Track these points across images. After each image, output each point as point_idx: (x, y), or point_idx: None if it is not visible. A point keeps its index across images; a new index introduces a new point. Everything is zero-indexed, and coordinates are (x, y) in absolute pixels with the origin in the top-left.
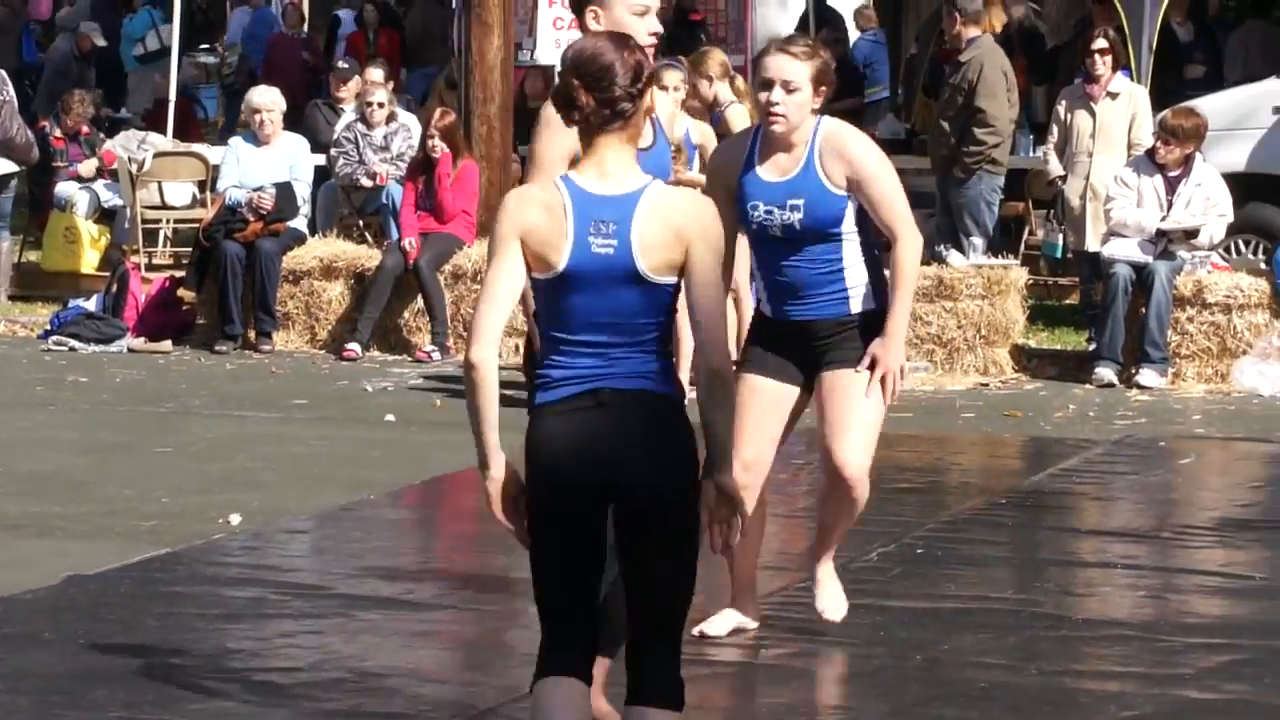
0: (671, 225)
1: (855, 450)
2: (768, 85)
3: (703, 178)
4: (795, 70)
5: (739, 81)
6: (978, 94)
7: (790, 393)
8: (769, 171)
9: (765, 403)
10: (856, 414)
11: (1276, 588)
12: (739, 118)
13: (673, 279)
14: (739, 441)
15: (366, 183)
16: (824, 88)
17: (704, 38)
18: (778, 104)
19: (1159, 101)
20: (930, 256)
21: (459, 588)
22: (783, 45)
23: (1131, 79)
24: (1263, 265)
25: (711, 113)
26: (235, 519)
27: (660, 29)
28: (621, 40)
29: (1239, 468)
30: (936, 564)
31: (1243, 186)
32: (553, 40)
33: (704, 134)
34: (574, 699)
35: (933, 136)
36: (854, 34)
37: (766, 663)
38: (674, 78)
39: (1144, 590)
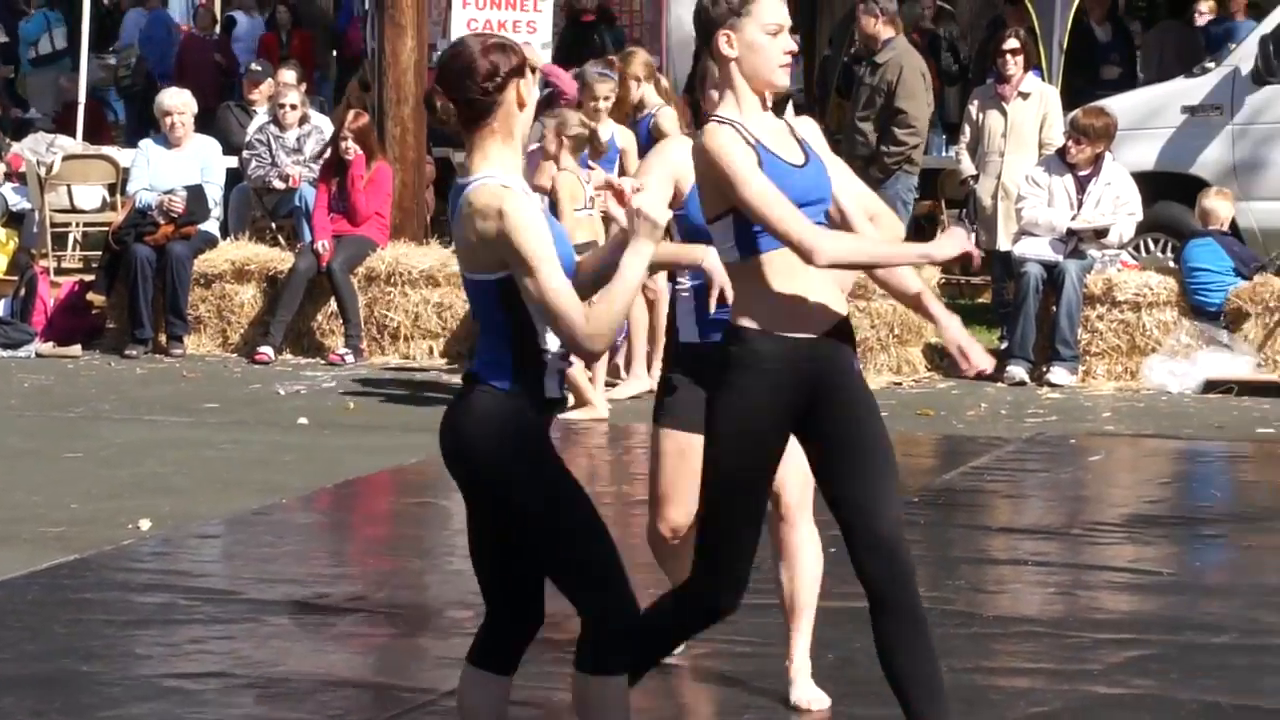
0: (472, 225)
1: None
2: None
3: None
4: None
5: (663, 82)
6: (898, 95)
7: None
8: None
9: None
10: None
11: (1184, 583)
12: (670, 121)
13: (489, 275)
14: (665, 505)
15: (279, 185)
16: None
17: (597, 39)
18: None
19: (1074, 102)
20: None
21: (371, 591)
22: None
23: (1043, 79)
24: (1171, 263)
25: (637, 115)
26: (145, 524)
27: (795, 48)
28: (485, 41)
29: (1148, 464)
30: (849, 563)
31: (1152, 185)
32: None
33: (627, 139)
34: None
35: (848, 136)
36: None
37: (681, 664)
38: (605, 88)
39: (1054, 587)
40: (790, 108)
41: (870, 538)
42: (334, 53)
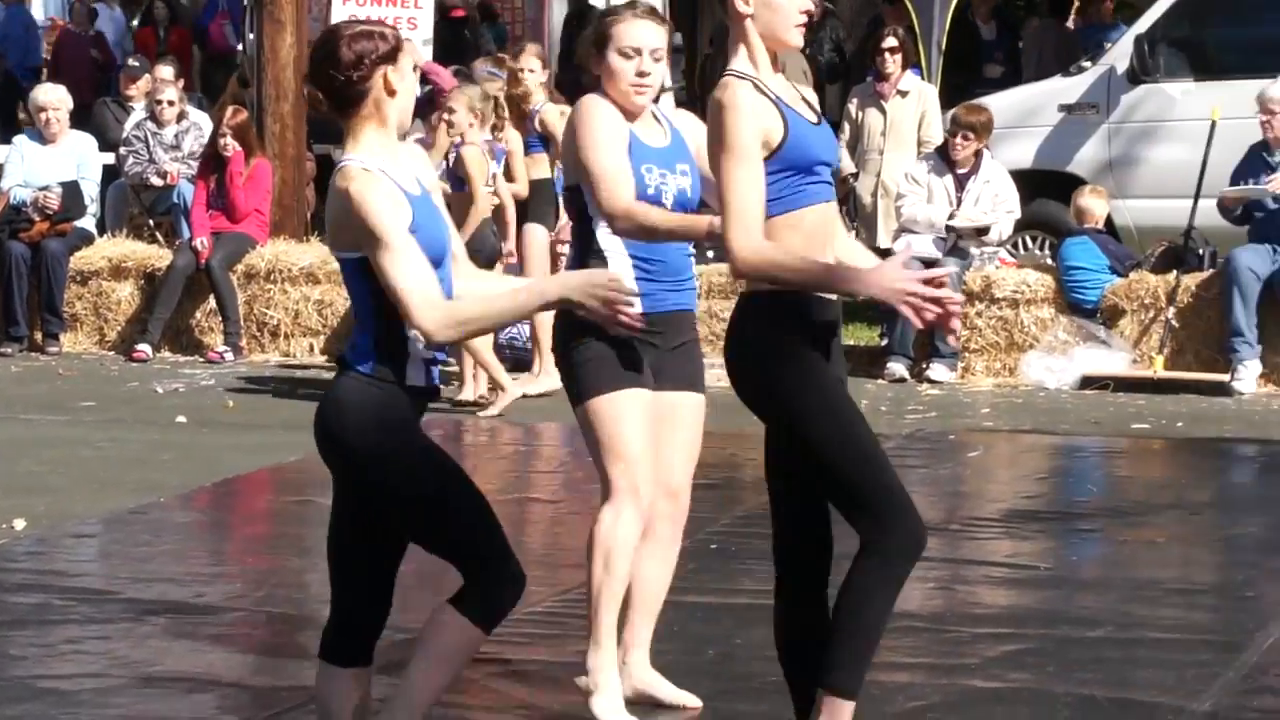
0: (332, 205)
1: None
2: (633, 54)
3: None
4: (661, 38)
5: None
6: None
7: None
8: (647, 135)
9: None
10: (690, 446)
11: (1061, 578)
12: (555, 117)
13: (349, 253)
14: (636, 466)
15: (157, 182)
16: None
17: (469, 34)
18: (649, 74)
19: (953, 100)
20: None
21: (250, 590)
22: (642, 12)
23: (922, 78)
24: (1049, 261)
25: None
26: (20, 524)
27: (812, 6)
28: (353, 29)
29: (1026, 460)
30: (731, 559)
31: (1030, 183)
32: None
33: (511, 138)
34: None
35: None
36: None
37: (562, 660)
38: (493, 87)
39: (933, 582)
40: (670, 100)
41: None
42: (194, 48)
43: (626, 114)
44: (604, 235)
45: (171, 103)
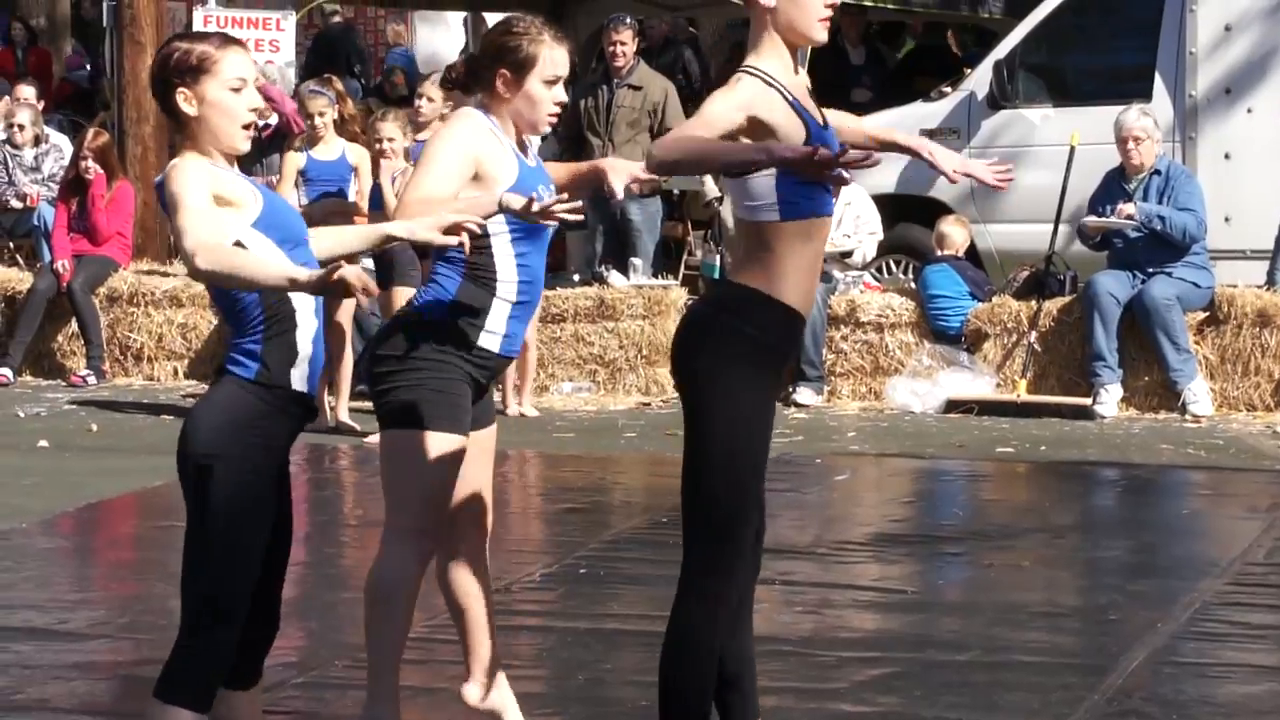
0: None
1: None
2: (555, 81)
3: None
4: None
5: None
6: (668, 114)
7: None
8: (528, 156)
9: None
10: (489, 473)
11: (927, 601)
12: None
13: None
14: (438, 512)
15: (17, 204)
16: None
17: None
18: (562, 101)
19: None
20: (591, 277)
21: (115, 616)
22: (560, 36)
23: None
24: (912, 284)
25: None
26: None
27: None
28: (169, 45)
29: (892, 484)
30: (599, 583)
31: (893, 207)
32: None
33: (360, 155)
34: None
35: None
36: None
37: (429, 686)
38: (318, 103)
39: (801, 606)
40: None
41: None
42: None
43: (518, 135)
44: (503, 258)
45: (21, 127)
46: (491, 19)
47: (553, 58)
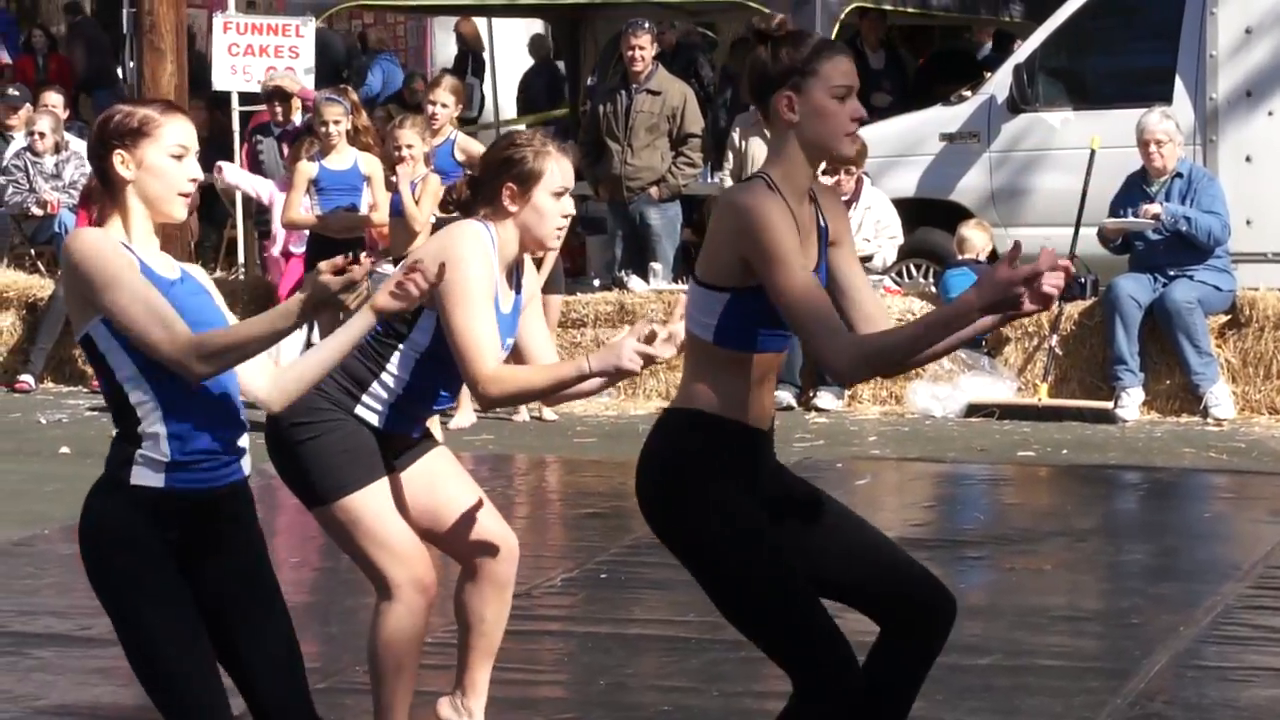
0: (64, 282)
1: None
2: (562, 193)
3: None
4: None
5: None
6: (687, 119)
7: None
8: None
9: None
10: (472, 486)
11: None
12: (474, 144)
13: (78, 333)
14: (417, 560)
15: (38, 211)
16: None
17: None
18: (569, 213)
19: None
20: (611, 282)
21: None
22: (563, 147)
23: None
24: (932, 289)
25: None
26: None
27: (864, 113)
28: (114, 107)
29: (913, 488)
30: (620, 588)
31: (913, 211)
32: (228, 67)
33: (372, 166)
34: None
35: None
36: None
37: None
38: (334, 111)
39: None
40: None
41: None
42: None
43: (521, 250)
44: (400, 362)
45: (42, 135)
46: (501, 25)
47: (559, 170)
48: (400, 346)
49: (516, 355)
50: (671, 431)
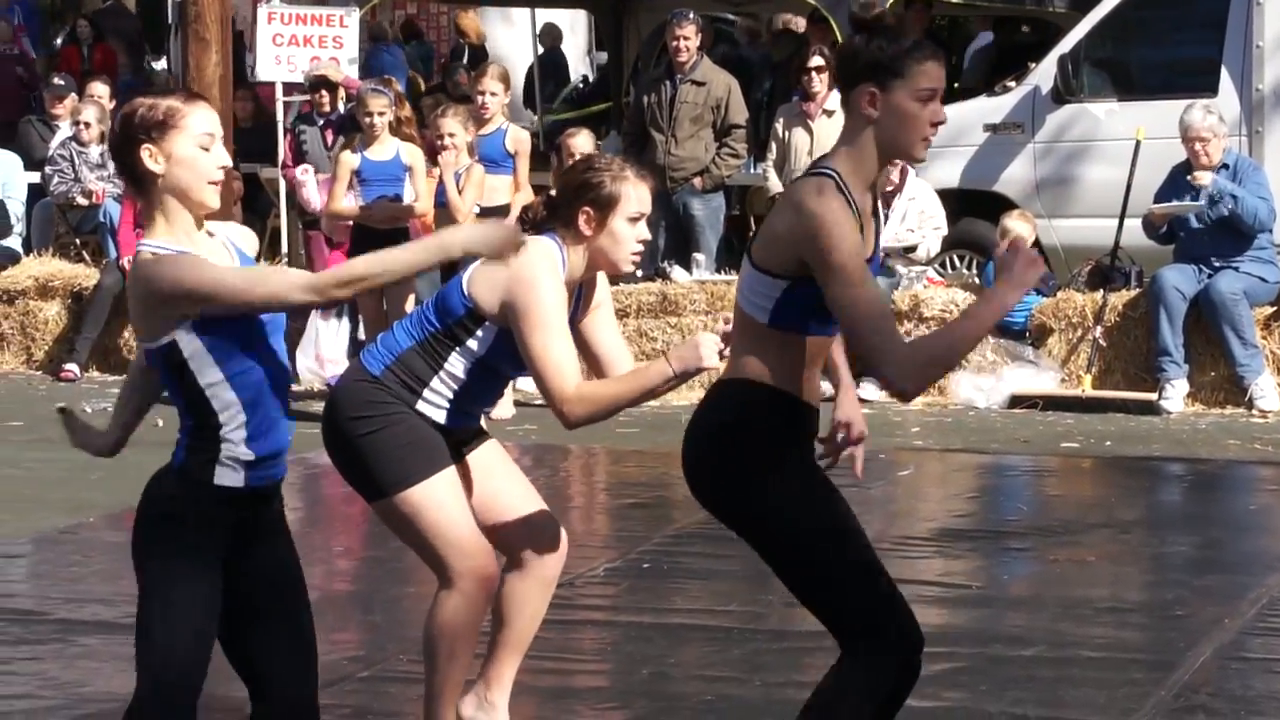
0: (131, 296)
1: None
2: (638, 218)
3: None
4: None
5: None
6: (731, 110)
7: None
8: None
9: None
10: (523, 480)
11: (992, 596)
12: (526, 136)
13: (152, 343)
14: (481, 548)
15: (83, 201)
16: None
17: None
18: (645, 239)
19: None
20: (654, 272)
21: None
22: (642, 172)
23: None
24: (976, 280)
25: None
26: None
27: (944, 118)
28: (133, 101)
29: (956, 479)
30: (663, 578)
31: (957, 202)
32: (272, 57)
33: (414, 156)
34: None
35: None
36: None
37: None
38: (379, 103)
39: None
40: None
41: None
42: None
43: (590, 272)
44: (456, 365)
45: (89, 124)
46: (543, 15)
47: (637, 195)
48: (457, 349)
49: (593, 364)
50: (724, 400)
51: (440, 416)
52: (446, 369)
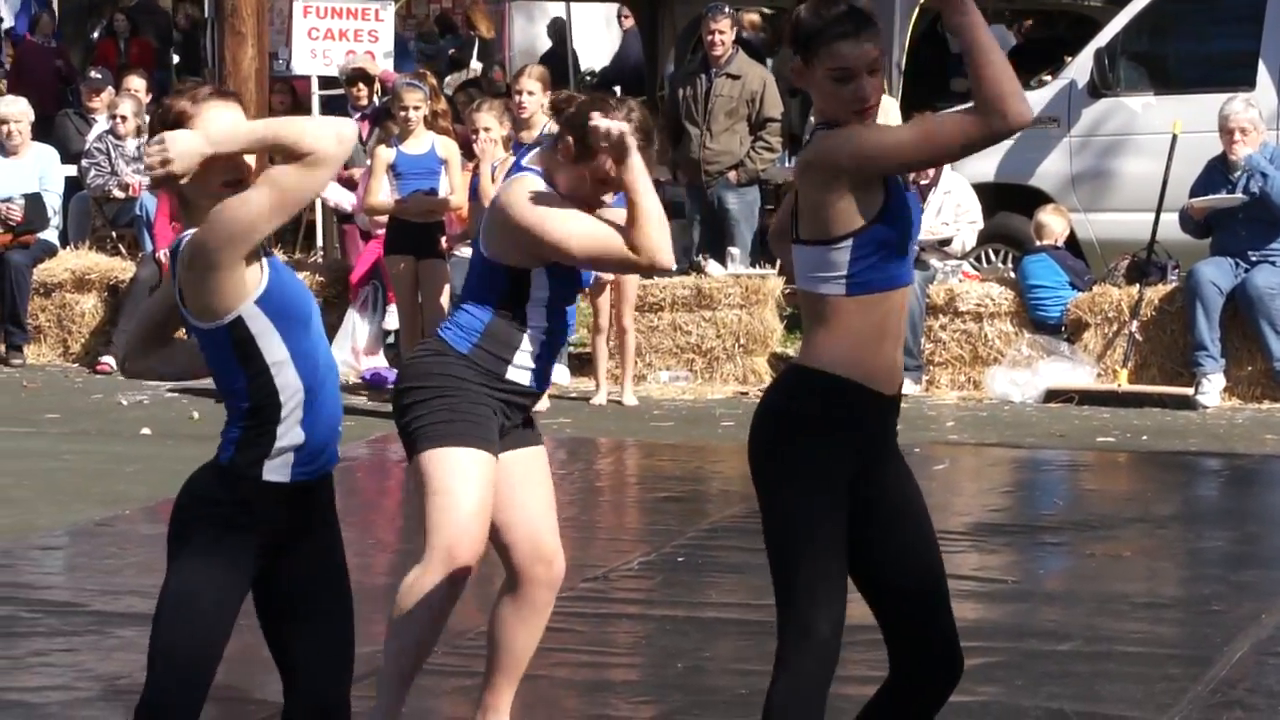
0: (181, 283)
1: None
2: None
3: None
4: None
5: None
6: (766, 103)
7: None
8: None
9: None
10: (550, 500)
11: (1028, 591)
12: None
13: (211, 323)
14: (476, 542)
15: (119, 194)
16: None
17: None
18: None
19: (916, 114)
20: (689, 266)
21: None
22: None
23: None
24: (1011, 274)
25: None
26: None
27: (870, 100)
28: (169, 97)
29: (991, 473)
30: (697, 572)
31: (992, 196)
32: (308, 51)
33: (449, 149)
34: None
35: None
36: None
37: (527, 673)
38: (414, 96)
39: None
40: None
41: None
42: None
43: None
44: (534, 314)
45: (125, 117)
46: (579, 9)
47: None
48: (528, 304)
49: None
50: (791, 389)
51: (526, 378)
52: (531, 325)
